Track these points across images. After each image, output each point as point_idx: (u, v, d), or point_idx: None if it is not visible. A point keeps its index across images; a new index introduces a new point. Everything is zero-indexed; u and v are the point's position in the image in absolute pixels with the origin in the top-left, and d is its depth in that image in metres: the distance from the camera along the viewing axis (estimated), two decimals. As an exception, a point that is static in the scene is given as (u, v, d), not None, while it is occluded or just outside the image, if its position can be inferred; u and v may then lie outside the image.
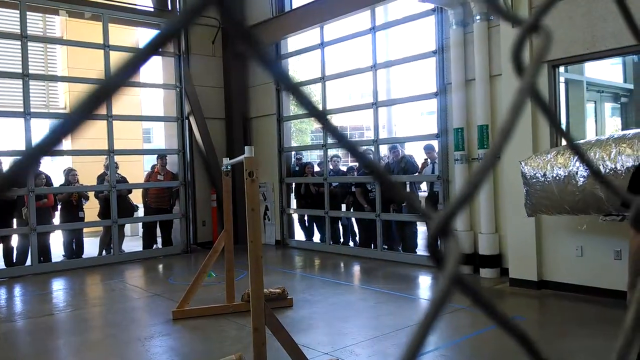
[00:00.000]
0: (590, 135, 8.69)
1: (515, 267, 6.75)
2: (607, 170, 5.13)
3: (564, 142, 6.05)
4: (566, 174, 5.51)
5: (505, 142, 0.39)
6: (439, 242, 0.35)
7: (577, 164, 5.36)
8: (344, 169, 10.58)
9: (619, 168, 5.12)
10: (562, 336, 4.94)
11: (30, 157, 0.30)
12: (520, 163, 6.06)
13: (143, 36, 13.13)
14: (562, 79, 6.84)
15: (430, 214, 0.35)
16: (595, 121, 9.24)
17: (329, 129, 0.37)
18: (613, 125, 9.61)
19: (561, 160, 5.62)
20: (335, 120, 27.59)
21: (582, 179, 5.35)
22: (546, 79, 6.45)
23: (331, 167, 10.17)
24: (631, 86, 9.25)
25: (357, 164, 10.03)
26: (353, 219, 10.22)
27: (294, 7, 10.52)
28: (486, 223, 7.19)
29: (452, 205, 0.35)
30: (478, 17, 7.15)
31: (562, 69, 6.74)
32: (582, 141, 5.89)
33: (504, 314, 0.39)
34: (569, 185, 5.51)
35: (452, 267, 0.32)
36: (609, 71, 9.06)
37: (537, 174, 5.83)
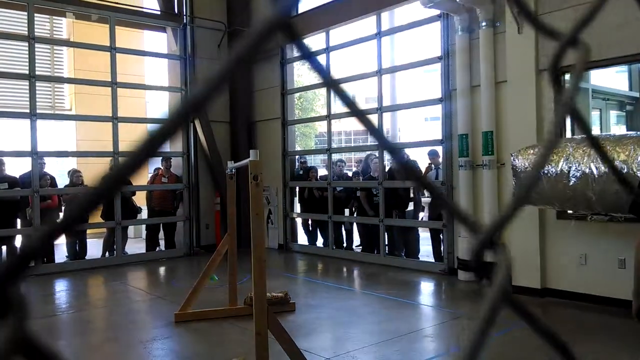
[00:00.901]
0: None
1: (519, 274, 6.73)
2: (601, 174, 5.13)
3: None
4: (558, 171, 5.51)
5: (550, 154, 0.39)
6: (482, 256, 0.33)
7: (569, 163, 5.38)
8: (349, 173, 10.58)
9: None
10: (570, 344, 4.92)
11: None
12: (511, 155, 6.10)
13: (149, 39, 13.21)
14: (567, 86, 6.82)
15: (476, 224, 0.34)
16: (600, 129, 9.22)
17: (370, 128, 0.36)
18: (618, 133, 9.57)
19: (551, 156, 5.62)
20: (340, 124, 27.61)
21: (574, 179, 5.35)
22: (551, 87, 6.43)
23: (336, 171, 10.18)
24: (637, 94, 9.23)
25: (362, 168, 10.02)
26: (354, 224, 10.21)
27: (300, 11, 10.54)
28: (490, 230, 7.16)
29: (501, 217, 0.34)
30: (484, 24, 7.15)
31: (567, 76, 6.73)
32: (579, 137, 5.90)
33: (550, 328, 0.39)
34: (560, 183, 5.53)
35: (501, 282, 0.31)
36: (614, 79, 9.05)
37: (528, 168, 5.85)
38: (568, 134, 6.55)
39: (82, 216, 0.31)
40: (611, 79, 8.97)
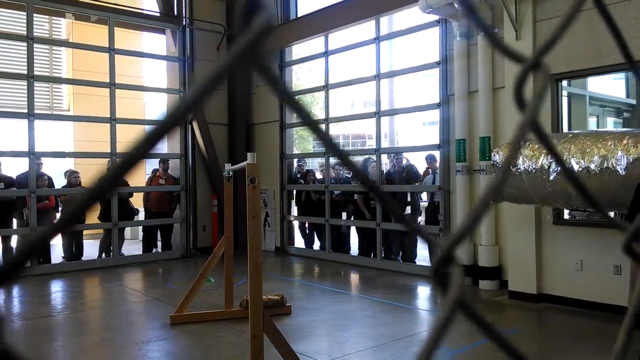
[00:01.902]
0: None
1: (515, 279, 6.74)
2: (581, 168, 5.22)
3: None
4: (538, 167, 5.60)
5: (507, 176, 0.41)
6: (443, 268, 0.36)
7: (549, 159, 5.44)
8: (349, 176, 10.58)
9: (592, 168, 5.18)
10: (560, 351, 4.93)
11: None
12: (492, 151, 6.19)
13: (148, 40, 13.21)
14: (564, 93, 6.86)
15: (435, 240, 0.36)
16: (597, 135, 9.25)
17: (324, 140, 0.38)
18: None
19: (528, 152, 5.75)
20: (337, 128, 27.67)
21: (554, 174, 5.43)
22: (549, 93, 6.47)
23: (333, 175, 10.18)
24: (634, 101, 9.27)
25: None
26: (352, 228, 10.22)
27: (299, 15, 10.58)
28: (486, 235, 7.19)
29: (456, 235, 0.37)
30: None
31: (564, 82, 6.76)
32: (559, 133, 5.99)
33: (503, 336, 0.40)
34: (540, 178, 5.61)
35: (455, 293, 0.34)
36: (611, 86, 9.08)
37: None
38: (565, 129, 6.63)
39: (79, 216, 0.32)
40: (608, 85, 9.01)
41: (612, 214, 5.66)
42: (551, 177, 5.45)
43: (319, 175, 10.94)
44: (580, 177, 5.00)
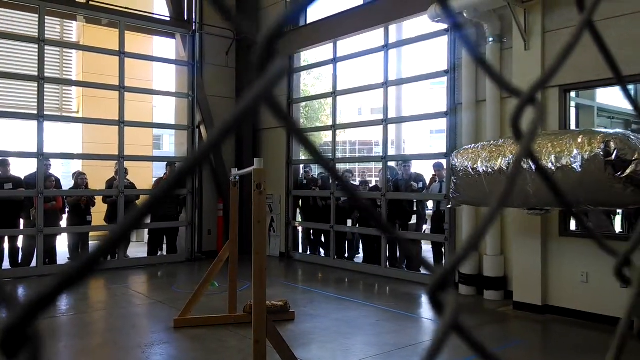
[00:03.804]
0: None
1: (520, 290, 6.71)
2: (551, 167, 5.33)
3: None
4: (497, 169, 5.74)
5: (501, 209, 0.42)
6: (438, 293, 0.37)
7: (508, 160, 5.65)
8: (357, 183, 10.58)
9: (549, 166, 5.30)
10: (564, 362, 4.90)
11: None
12: (451, 155, 6.44)
13: (158, 44, 13.31)
14: (573, 104, 6.84)
15: (431, 266, 0.38)
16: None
17: (309, 149, 0.39)
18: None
19: (485, 154, 5.93)
20: (345, 135, 27.68)
21: None
22: (557, 104, 6.46)
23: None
24: (643, 113, 9.24)
25: (368, 179, 10.02)
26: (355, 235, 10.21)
27: (308, 22, 10.62)
28: (492, 244, 7.16)
29: (451, 262, 0.38)
30: (491, 39, 7.19)
31: (573, 93, 6.75)
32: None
33: (497, 358, 0.41)
34: (499, 180, 5.75)
35: (450, 317, 0.35)
36: (620, 97, 9.05)
37: (467, 168, 6.01)
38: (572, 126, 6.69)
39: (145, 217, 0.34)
40: (617, 97, 8.98)
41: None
42: None
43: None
44: (555, 180, 5.12)
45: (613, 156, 4.87)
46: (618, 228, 7.02)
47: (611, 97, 8.64)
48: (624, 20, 5.90)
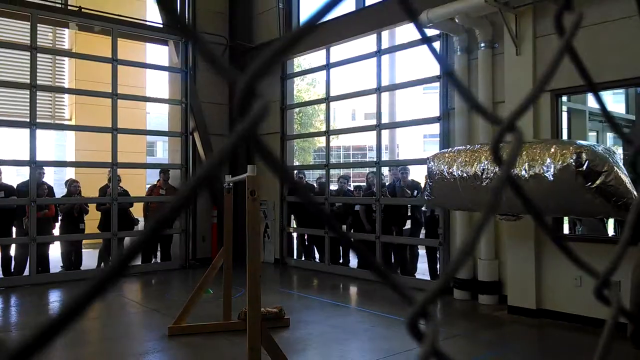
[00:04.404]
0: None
1: (514, 294, 6.73)
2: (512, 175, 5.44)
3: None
4: (471, 174, 5.88)
5: (480, 235, 0.43)
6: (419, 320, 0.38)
7: (482, 166, 5.82)
8: (351, 188, 10.56)
9: (522, 174, 5.44)
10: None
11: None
12: (427, 159, 6.61)
13: (151, 51, 13.31)
14: (564, 108, 6.89)
15: (411, 297, 0.39)
16: (597, 151, 9.27)
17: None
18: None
19: (461, 159, 6.07)
20: (338, 140, 27.74)
21: (487, 180, 5.74)
22: (549, 108, 6.50)
23: (336, 187, 10.17)
24: (633, 117, 9.30)
25: (362, 183, 9.97)
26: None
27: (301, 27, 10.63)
28: (486, 249, 7.18)
29: (430, 294, 0.40)
30: (482, 45, 7.23)
31: (564, 98, 6.79)
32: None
33: None
34: (474, 185, 5.89)
35: (429, 344, 0.36)
36: (611, 102, 9.12)
37: (443, 171, 6.11)
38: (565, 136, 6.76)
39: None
40: (608, 101, 9.05)
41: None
42: (484, 184, 5.75)
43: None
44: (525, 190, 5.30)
45: (584, 167, 5.02)
46: (611, 231, 7.05)
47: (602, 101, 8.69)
48: (613, 26, 5.95)
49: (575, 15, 0.57)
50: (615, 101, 9.34)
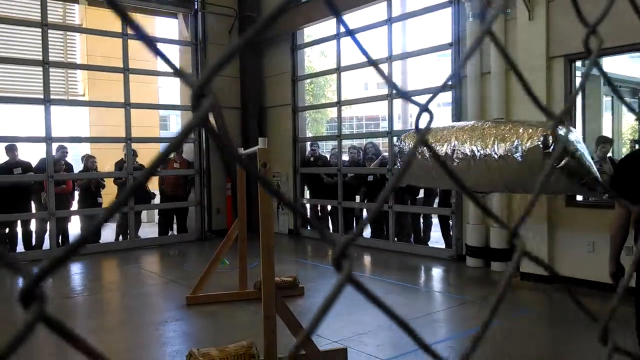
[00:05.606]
0: (607, 130, 8.63)
1: (527, 261, 6.75)
2: (483, 155, 5.71)
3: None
4: (442, 154, 6.05)
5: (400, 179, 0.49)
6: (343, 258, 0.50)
7: (452, 146, 5.98)
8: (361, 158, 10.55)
9: (492, 155, 5.65)
10: (570, 331, 4.97)
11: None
12: (399, 139, 6.98)
13: (161, 25, 13.25)
14: (578, 73, 6.79)
15: (333, 238, 0.53)
16: (612, 115, 9.16)
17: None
18: (630, 120, 9.51)
19: (431, 139, 6.14)
20: (352, 110, 27.54)
21: (457, 161, 5.93)
22: (562, 74, 6.42)
23: (347, 158, 10.17)
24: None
25: (375, 154, 9.91)
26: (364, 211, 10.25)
27: (310, -3, 10.50)
28: (499, 216, 7.19)
29: (348, 239, 0.51)
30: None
31: (579, 63, 6.69)
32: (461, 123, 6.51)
33: (387, 305, 0.55)
34: (445, 164, 5.91)
35: (345, 274, 0.51)
36: (627, 66, 8.95)
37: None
38: (579, 110, 6.73)
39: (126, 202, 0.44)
40: (624, 65, 8.88)
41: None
42: (455, 164, 5.93)
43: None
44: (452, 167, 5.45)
45: (551, 148, 5.27)
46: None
47: (617, 65, 8.54)
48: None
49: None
50: (631, 65, 9.16)
